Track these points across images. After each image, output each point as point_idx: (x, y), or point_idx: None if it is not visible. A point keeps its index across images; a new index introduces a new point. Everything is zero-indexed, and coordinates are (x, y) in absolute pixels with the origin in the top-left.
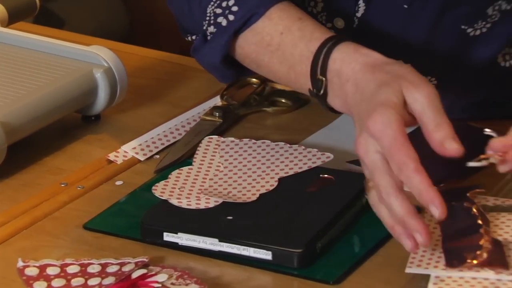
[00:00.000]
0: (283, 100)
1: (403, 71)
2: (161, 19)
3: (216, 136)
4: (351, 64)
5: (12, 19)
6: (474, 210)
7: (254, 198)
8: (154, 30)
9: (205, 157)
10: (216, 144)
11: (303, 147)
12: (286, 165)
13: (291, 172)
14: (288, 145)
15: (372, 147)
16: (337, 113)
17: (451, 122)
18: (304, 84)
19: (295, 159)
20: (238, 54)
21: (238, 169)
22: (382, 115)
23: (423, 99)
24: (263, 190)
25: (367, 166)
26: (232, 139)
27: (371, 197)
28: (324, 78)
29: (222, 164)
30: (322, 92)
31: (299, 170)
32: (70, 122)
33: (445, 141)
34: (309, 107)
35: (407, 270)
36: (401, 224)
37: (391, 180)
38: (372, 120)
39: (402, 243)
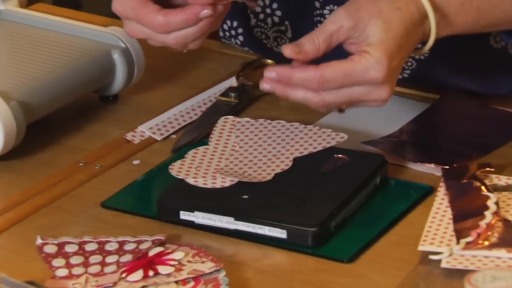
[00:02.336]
0: None
1: None
2: None
3: (232, 117)
4: None
5: (31, 1)
6: (483, 189)
7: (269, 177)
8: None
9: (221, 137)
10: (231, 125)
11: (317, 127)
12: (301, 145)
13: (305, 152)
14: (303, 125)
15: (133, 24)
16: None
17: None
18: None
19: (310, 139)
20: None
21: (253, 149)
22: (155, 20)
23: None
24: (278, 170)
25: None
26: (248, 119)
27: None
28: None
29: (238, 144)
30: None
31: (314, 150)
32: (88, 102)
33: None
34: None
35: (420, 248)
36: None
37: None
38: (113, 5)
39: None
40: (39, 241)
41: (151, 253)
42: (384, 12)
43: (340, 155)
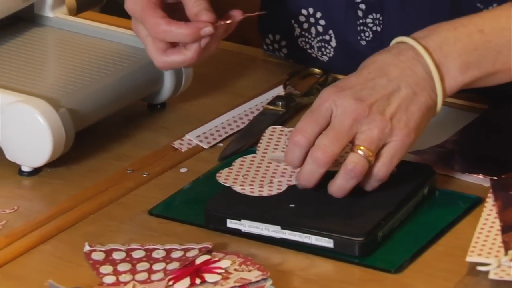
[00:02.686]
0: None
1: None
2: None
3: (280, 126)
4: None
5: (81, 8)
6: None
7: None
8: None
9: (269, 145)
10: (279, 134)
11: None
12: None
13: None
14: None
15: (139, 25)
16: None
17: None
18: None
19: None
20: None
21: None
22: (158, 26)
23: None
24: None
25: (140, 39)
26: None
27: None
28: None
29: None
30: None
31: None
32: (136, 110)
33: (200, 13)
34: None
35: (468, 259)
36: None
37: (156, 47)
38: (126, 2)
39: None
40: (86, 248)
41: (198, 261)
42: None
43: None
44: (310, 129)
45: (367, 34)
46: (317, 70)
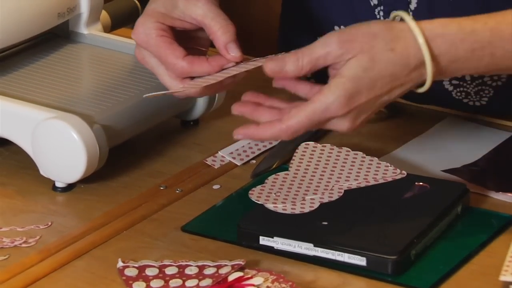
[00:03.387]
0: None
1: None
2: (255, 25)
3: (312, 143)
4: None
5: (115, 25)
6: None
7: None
8: (247, 36)
9: (301, 163)
10: (312, 150)
11: (377, 161)
12: (357, 176)
13: (358, 184)
14: (368, 157)
15: (146, 54)
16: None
17: None
18: None
19: (368, 172)
20: None
21: (329, 175)
22: (143, 25)
23: (203, 6)
24: (325, 200)
25: (149, 69)
26: (329, 145)
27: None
28: None
29: (318, 169)
30: None
31: (367, 184)
32: (170, 127)
33: (229, 45)
34: (405, 115)
35: (502, 278)
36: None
37: (170, 75)
38: (135, 32)
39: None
40: (120, 264)
41: (231, 278)
42: (376, 50)
43: (421, 183)
44: (302, 131)
45: None
46: None
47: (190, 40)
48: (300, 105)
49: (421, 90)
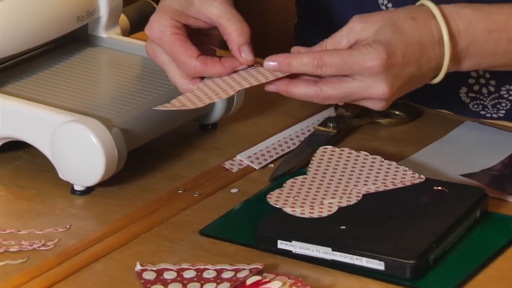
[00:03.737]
0: (397, 112)
1: None
2: (272, 29)
3: (331, 147)
4: None
5: (134, 29)
6: None
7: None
8: (265, 40)
9: (320, 166)
10: (330, 154)
11: (396, 165)
12: (375, 181)
13: (376, 189)
14: (386, 161)
15: (158, 50)
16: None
17: None
18: None
19: (386, 176)
20: None
21: (347, 179)
22: (158, 22)
23: (219, 6)
24: (343, 204)
25: (159, 65)
26: (347, 149)
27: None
28: None
29: (336, 173)
30: None
31: (385, 188)
32: (188, 130)
33: (242, 48)
34: (423, 119)
35: None
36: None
37: (181, 73)
38: (149, 27)
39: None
40: (138, 267)
41: (249, 281)
42: (397, 19)
43: (439, 187)
44: (334, 96)
45: None
46: None
47: (202, 37)
48: (338, 49)
49: (437, 79)
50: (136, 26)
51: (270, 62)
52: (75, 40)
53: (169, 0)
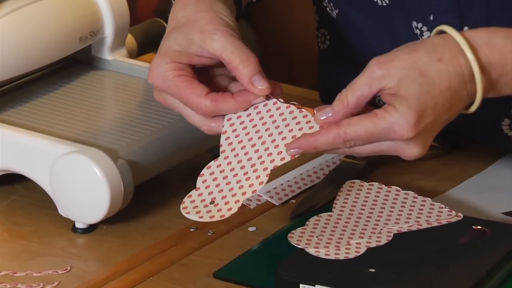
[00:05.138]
0: (433, 143)
1: None
2: (294, 51)
3: (359, 181)
4: None
5: (142, 50)
6: None
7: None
8: (287, 63)
9: (346, 203)
10: (358, 189)
11: (431, 201)
12: (408, 218)
13: (408, 228)
14: (420, 197)
15: (167, 97)
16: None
17: None
18: None
19: (420, 213)
20: None
21: (377, 216)
22: (157, 68)
23: (220, 39)
24: (372, 244)
25: (175, 111)
26: (377, 184)
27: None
28: None
29: (364, 210)
30: None
31: (419, 227)
32: (201, 162)
33: (253, 78)
34: (461, 151)
35: None
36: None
37: (198, 115)
38: (150, 76)
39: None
40: None
41: None
42: (422, 63)
43: (478, 227)
44: (357, 143)
45: None
46: None
47: (214, 69)
48: (362, 116)
49: (472, 109)
50: (144, 46)
51: (293, 150)
52: (78, 62)
53: (167, 42)
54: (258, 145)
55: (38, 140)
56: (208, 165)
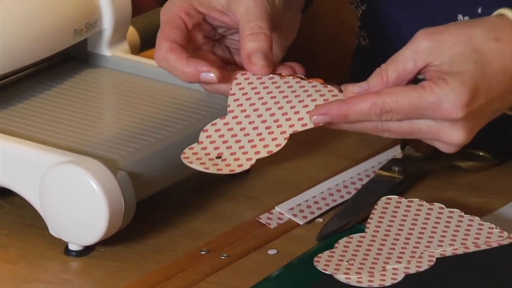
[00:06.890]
0: (481, 153)
1: None
2: (323, 45)
3: (396, 197)
4: None
5: (146, 45)
6: None
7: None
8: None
9: (381, 222)
10: (395, 207)
11: (479, 221)
12: (452, 241)
13: (453, 251)
14: (467, 216)
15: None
16: None
17: None
18: None
19: (466, 235)
20: None
21: (416, 238)
22: (159, 49)
23: (249, 3)
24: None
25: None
26: (417, 200)
27: None
28: None
29: (403, 231)
30: None
31: (466, 251)
32: (213, 176)
33: (253, 54)
34: None
35: None
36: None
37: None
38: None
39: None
40: None
41: None
42: (477, 39)
43: None
44: (396, 118)
45: None
46: None
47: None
48: (406, 86)
49: None
50: (148, 41)
51: (318, 116)
52: (71, 59)
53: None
54: (274, 110)
55: (25, 149)
56: (213, 122)
